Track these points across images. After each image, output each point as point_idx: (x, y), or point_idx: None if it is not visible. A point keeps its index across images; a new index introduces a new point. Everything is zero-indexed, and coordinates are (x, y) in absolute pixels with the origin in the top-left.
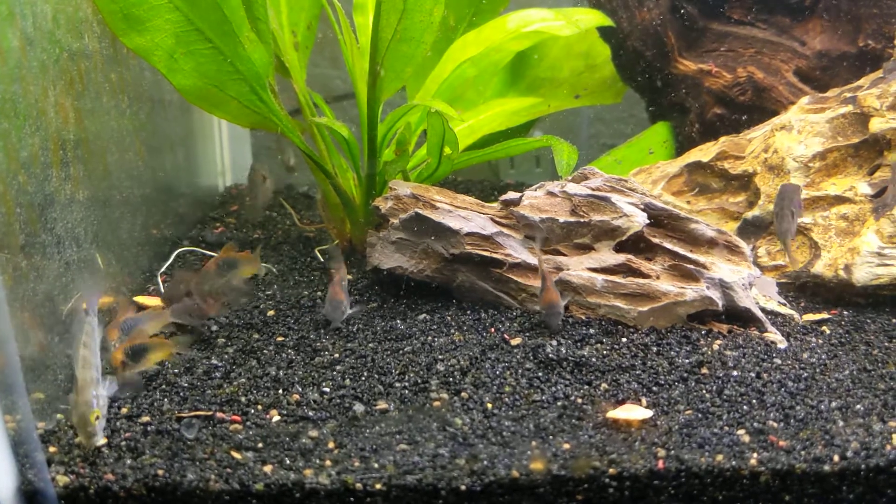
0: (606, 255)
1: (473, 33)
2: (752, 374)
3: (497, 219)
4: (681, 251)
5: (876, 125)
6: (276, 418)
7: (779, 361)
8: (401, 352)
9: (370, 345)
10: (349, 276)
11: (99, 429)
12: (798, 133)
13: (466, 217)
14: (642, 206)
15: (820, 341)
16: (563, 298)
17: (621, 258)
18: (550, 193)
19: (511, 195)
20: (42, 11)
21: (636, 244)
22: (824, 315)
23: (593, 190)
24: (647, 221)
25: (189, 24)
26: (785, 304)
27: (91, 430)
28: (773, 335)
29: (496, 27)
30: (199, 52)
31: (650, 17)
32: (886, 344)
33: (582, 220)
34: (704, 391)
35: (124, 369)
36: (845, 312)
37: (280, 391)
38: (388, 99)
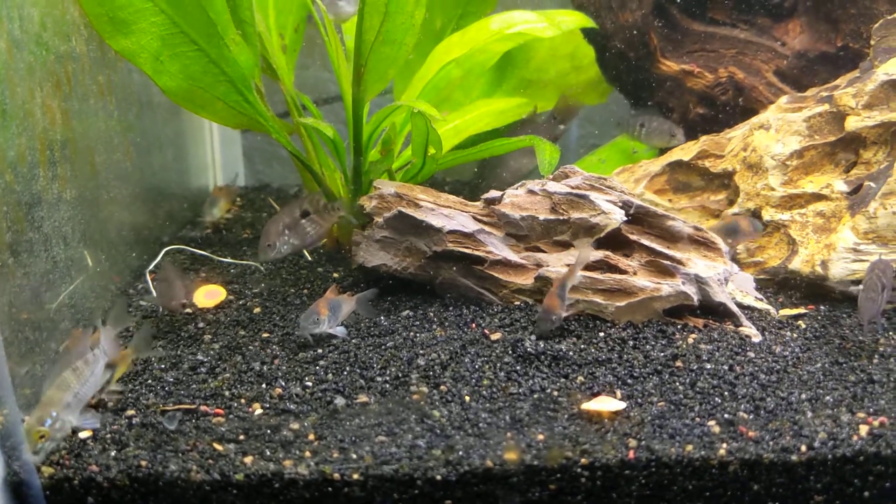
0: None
1: (458, 35)
2: (726, 367)
3: (479, 217)
4: (658, 247)
5: (852, 123)
6: (259, 412)
7: (752, 355)
8: (383, 347)
9: (353, 340)
10: (335, 274)
11: (43, 449)
12: (776, 132)
13: (449, 215)
14: (620, 204)
15: (795, 335)
16: (566, 310)
17: (599, 254)
18: (531, 192)
19: (493, 193)
20: (29, 15)
21: (614, 241)
22: (801, 310)
23: (573, 188)
24: (625, 218)
25: (174, 27)
26: (762, 300)
27: (33, 446)
28: (748, 329)
29: (480, 29)
30: (185, 54)
31: (633, 18)
32: (861, 338)
33: (561, 217)
34: (678, 384)
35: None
36: (822, 307)
37: (263, 385)
38: (379, 101)
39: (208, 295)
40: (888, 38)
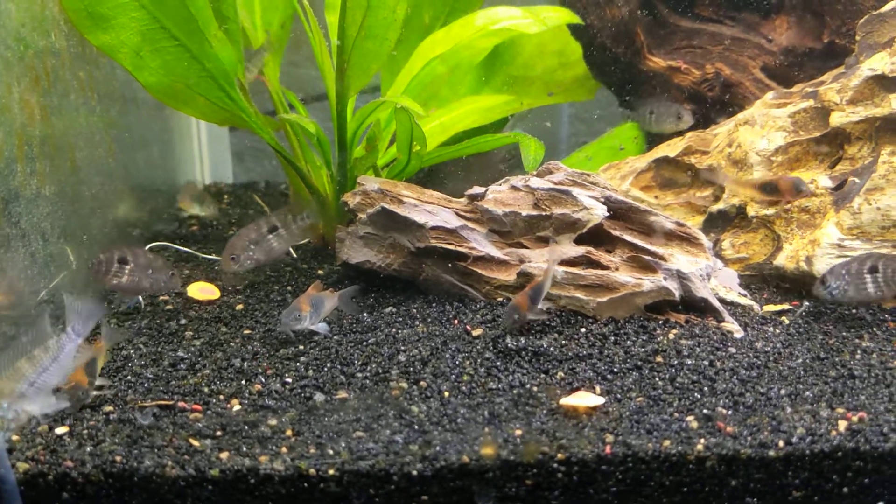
0: (567, 248)
1: (443, 31)
2: (706, 363)
3: (462, 213)
4: (640, 243)
5: (836, 119)
6: (237, 408)
7: (733, 350)
8: (365, 343)
9: (335, 337)
10: (320, 271)
11: None
12: (761, 128)
13: (432, 211)
14: (602, 200)
15: (777, 331)
16: (537, 313)
17: (581, 250)
18: (514, 188)
19: (476, 190)
20: (6, 10)
21: (596, 236)
22: (785, 306)
23: (556, 184)
24: (607, 214)
25: (155, 22)
26: (745, 295)
27: None
28: (730, 325)
29: (464, 25)
30: (166, 49)
31: (619, 14)
32: (844, 333)
33: (544, 213)
34: (657, 379)
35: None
36: (806, 303)
37: (243, 382)
38: (369, 99)
39: (203, 290)
40: (873, 33)
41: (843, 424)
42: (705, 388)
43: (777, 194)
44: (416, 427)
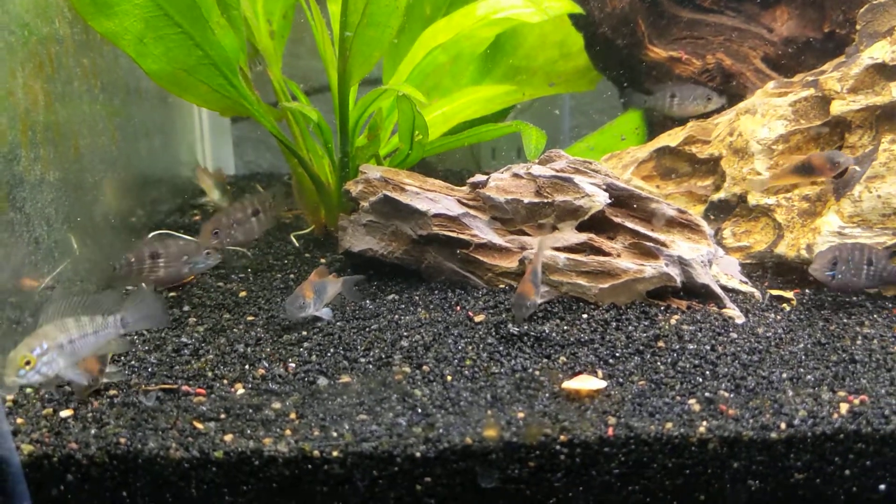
0: (569, 235)
1: (444, 20)
2: (708, 347)
3: (465, 201)
4: (641, 230)
5: (837, 107)
6: (241, 391)
7: (735, 335)
8: (367, 329)
9: (338, 323)
10: (322, 259)
11: (23, 379)
12: (762, 116)
13: (434, 199)
14: (604, 187)
15: (778, 317)
16: (542, 297)
17: (583, 237)
18: (516, 175)
19: (478, 177)
20: None
21: (598, 223)
22: (787, 293)
23: (557, 171)
24: (609, 201)
25: (158, 9)
26: (747, 283)
27: (13, 374)
28: (732, 311)
29: (466, 14)
30: (169, 36)
31: (620, 5)
32: (845, 320)
33: (546, 200)
34: (659, 363)
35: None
36: (807, 291)
37: (247, 366)
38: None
39: None
40: (874, 22)
41: (844, 407)
42: (707, 372)
43: (814, 174)
44: (420, 410)
